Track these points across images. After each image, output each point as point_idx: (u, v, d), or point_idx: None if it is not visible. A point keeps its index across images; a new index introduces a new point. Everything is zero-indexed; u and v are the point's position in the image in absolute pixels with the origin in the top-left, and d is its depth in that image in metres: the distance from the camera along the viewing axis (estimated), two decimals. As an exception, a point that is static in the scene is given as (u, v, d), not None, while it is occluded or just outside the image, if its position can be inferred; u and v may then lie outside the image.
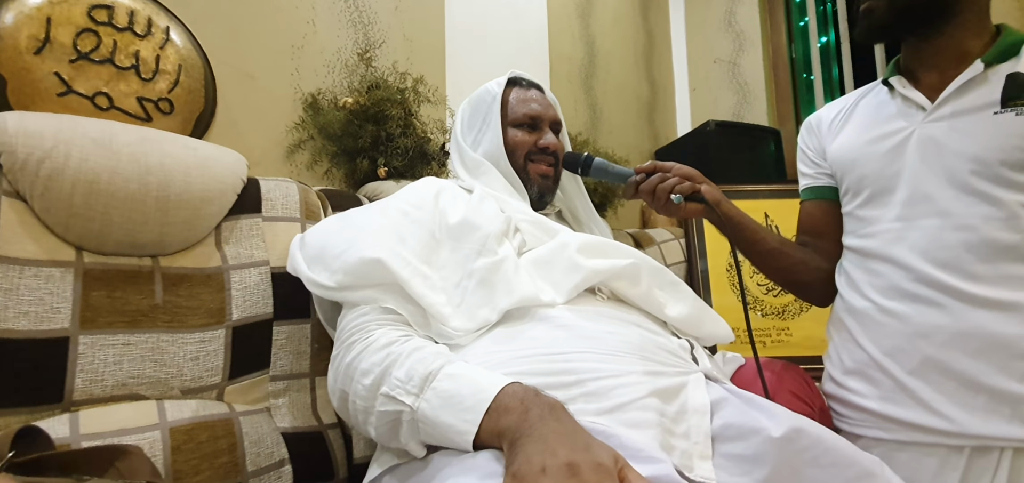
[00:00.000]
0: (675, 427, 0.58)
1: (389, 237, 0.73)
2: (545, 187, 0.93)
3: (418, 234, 0.76)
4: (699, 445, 0.57)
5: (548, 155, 0.93)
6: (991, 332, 0.73)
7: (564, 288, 0.72)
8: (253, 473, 0.75)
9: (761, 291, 1.67)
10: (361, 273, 0.70)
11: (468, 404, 0.53)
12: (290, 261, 0.83)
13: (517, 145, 0.92)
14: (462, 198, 0.84)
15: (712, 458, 0.56)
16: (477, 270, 0.71)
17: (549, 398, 0.53)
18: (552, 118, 0.96)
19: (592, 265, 0.73)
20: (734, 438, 0.57)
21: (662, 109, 2.61)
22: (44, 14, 0.89)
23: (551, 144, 0.93)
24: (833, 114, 0.98)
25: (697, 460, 0.56)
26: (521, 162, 0.92)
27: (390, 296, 0.69)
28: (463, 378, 0.56)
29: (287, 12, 1.27)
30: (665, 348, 0.69)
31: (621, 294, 0.76)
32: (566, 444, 0.46)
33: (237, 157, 0.89)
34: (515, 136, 0.92)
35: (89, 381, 0.67)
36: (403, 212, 0.79)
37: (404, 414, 0.57)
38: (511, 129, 0.93)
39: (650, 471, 0.48)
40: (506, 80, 0.96)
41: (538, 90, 0.98)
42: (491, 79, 0.97)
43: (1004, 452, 0.72)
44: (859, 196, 0.89)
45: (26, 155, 0.67)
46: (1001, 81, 0.76)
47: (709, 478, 0.54)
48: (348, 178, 1.31)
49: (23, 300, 0.65)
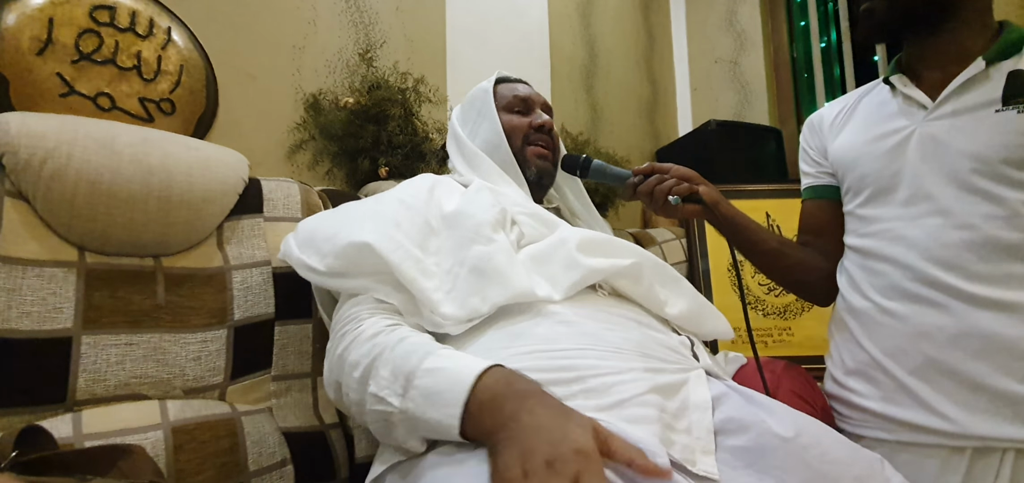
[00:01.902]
0: (676, 423, 0.58)
1: (382, 222, 0.72)
2: (543, 169, 0.93)
3: (414, 219, 0.75)
4: (701, 440, 0.57)
5: (544, 134, 0.93)
6: (993, 332, 0.73)
7: (562, 285, 0.71)
8: (255, 473, 0.75)
9: (762, 291, 1.67)
10: (351, 257, 0.69)
11: (448, 399, 0.52)
12: (283, 247, 0.82)
13: (513, 128, 0.93)
14: (458, 190, 0.85)
15: (715, 452, 0.56)
16: (469, 258, 0.70)
17: (524, 385, 0.52)
18: (542, 102, 0.98)
19: (591, 264, 0.72)
20: (736, 431, 0.57)
21: (663, 109, 2.61)
22: (46, 15, 0.89)
23: (546, 122, 0.94)
24: (834, 113, 0.98)
25: (700, 455, 0.55)
26: (519, 144, 0.93)
27: (382, 286, 0.68)
28: (441, 372, 0.55)
29: (288, 12, 1.27)
30: (666, 345, 0.69)
31: (622, 291, 0.76)
32: (543, 440, 0.45)
33: (238, 157, 0.89)
34: (510, 120, 0.94)
35: (92, 381, 0.68)
36: (399, 199, 0.79)
37: (394, 416, 0.56)
38: (504, 114, 0.94)
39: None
40: (494, 79, 0.99)
41: (524, 84, 1.00)
42: (491, 79, 0.99)
43: (1006, 453, 0.72)
44: (860, 195, 0.88)
45: (29, 156, 0.67)
46: (1003, 79, 0.76)
47: (711, 472, 0.54)
48: (349, 178, 1.31)
49: (26, 300, 0.65)
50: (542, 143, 0.93)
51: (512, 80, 1.00)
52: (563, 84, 1.98)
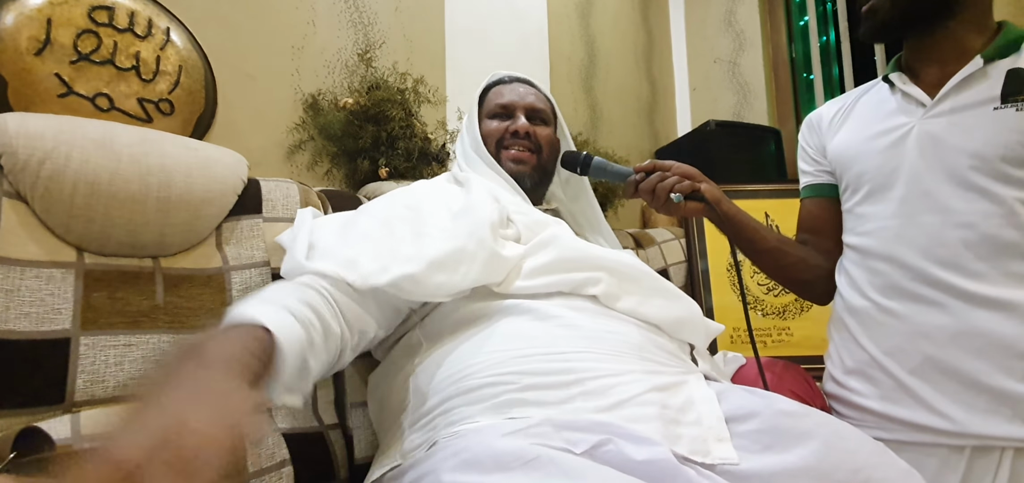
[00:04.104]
0: (682, 417, 0.57)
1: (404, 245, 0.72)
2: (520, 172, 0.92)
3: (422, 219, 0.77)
4: (714, 428, 0.56)
5: (519, 139, 0.93)
6: (992, 331, 0.73)
7: (537, 284, 0.72)
8: (254, 474, 0.75)
9: (762, 291, 1.67)
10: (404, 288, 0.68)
11: None
12: (321, 265, 0.70)
13: (489, 134, 0.94)
14: (457, 191, 0.86)
15: (730, 440, 0.56)
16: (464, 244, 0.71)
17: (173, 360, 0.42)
18: (529, 106, 0.96)
19: (564, 278, 0.73)
20: (746, 417, 0.57)
21: (662, 109, 2.61)
22: (45, 15, 0.89)
23: (521, 128, 0.92)
24: (833, 111, 0.98)
25: (713, 444, 0.55)
26: (494, 150, 0.93)
27: None
28: None
29: (287, 13, 1.27)
30: (665, 349, 0.69)
31: (602, 300, 0.74)
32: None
33: (237, 158, 0.89)
34: (488, 126, 0.95)
35: (90, 382, 0.67)
36: (406, 206, 0.80)
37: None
38: (485, 120, 0.96)
39: (645, 454, 0.48)
40: (488, 81, 0.99)
41: (523, 84, 0.99)
42: (491, 79, 0.99)
43: (1005, 452, 0.72)
44: (858, 193, 0.88)
45: (27, 156, 0.67)
46: (1001, 77, 0.76)
47: (729, 458, 0.53)
48: (349, 179, 1.31)
49: (24, 301, 0.65)
50: (517, 147, 0.93)
51: (508, 80, 1.00)
52: (562, 84, 1.98)
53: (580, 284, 0.72)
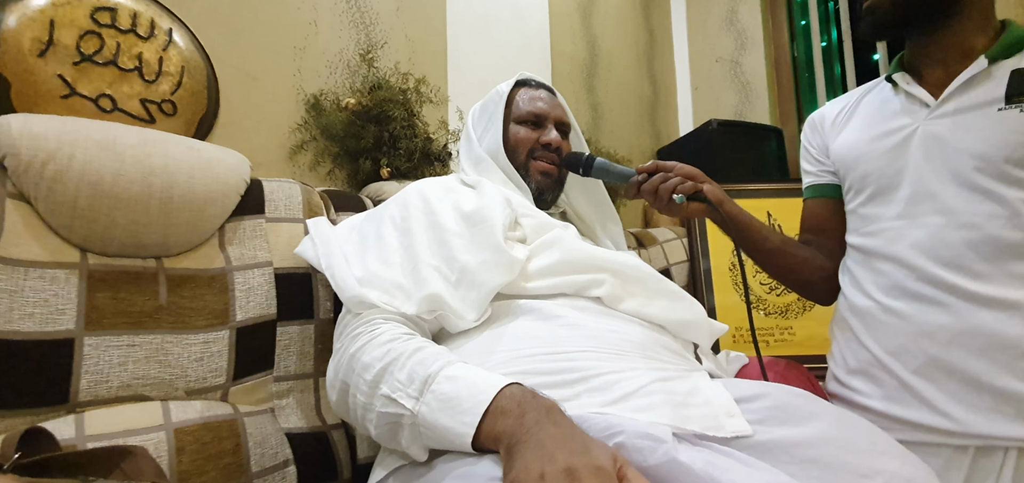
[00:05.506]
0: (691, 400, 0.57)
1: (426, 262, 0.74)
2: (545, 185, 0.92)
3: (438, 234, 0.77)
4: (724, 406, 0.56)
5: (551, 152, 0.93)
6: (995, 331, 0.72)
7: (542, 286, 0.72)
8: (257, 474, 0.75)
9: (764, 290, 1.67)
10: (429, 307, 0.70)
11: (466, 407, 0.53)
12: (340, 284, 0.75)
13: (519, 142, 0.92)
14: (466, 192, 0.85)
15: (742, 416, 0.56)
16: (476, 258, 0.72)
17: (546, 400, 0.52)
18: (558, 117, 0.96)
19: (567, 280, 0.73)
20: (755, 398, 0.57)
21: (664, 108, 2.61)
22: (47, 17, 0.89)
23: (553, 141, 0.92)
24: (836, 111, 0.98)
25: (725, 418, 0.55)
26: (523, 159, 0.92)
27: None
28: (461, 380, 0.55)
29: (289, 13, 1.27)
30: (669, 348, 0.69)
31: (606, 302, 0.74)
32: (564, 448, 0.45)
33: (240, 158, 0.89)
34: (517, 133, 0.93)
35: (94, 382, 0.68)
36: (423, 212, 0.81)
37: (404, 418, 0.56)
38: (514, 125, 0.94)
39: (656, 459, 0.47)
40: (515, 81, 0.97)
41: (549, 92, 0.98)
42: (492, 79, 0.98)
43: (1008, 452, 0.72)
44: (862, 194, 0.88)
45: (30, 157, 0.67)
46: (1006, 77, 0.76)
47: (743, 430, 0.53)
48: (351, 179, 1.31)
49: (28, 302, 0.65)
50: (548, 159, 0.92)
51: (534, 85, 0.98)
52: (564, 84, 1.97)
53: (584, 286, 0.73)
